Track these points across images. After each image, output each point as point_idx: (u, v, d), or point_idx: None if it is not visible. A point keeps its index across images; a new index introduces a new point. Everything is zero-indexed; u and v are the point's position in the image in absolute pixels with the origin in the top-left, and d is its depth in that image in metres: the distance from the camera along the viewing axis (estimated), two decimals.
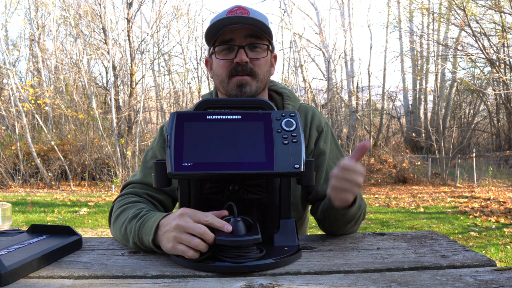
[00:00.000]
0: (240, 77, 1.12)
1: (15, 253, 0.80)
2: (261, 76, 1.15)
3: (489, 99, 17.11)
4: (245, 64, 1.11)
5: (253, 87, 1.13)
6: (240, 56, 1.10)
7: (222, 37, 1.12)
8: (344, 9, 16.85)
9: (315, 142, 1.21)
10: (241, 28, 1.10)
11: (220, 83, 1.15)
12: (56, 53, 14.40)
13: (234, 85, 1.12)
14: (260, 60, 1.14)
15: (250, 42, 1.12)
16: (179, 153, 0.83)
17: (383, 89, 18.04)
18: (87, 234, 5.08)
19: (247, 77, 1.12)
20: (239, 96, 1.12)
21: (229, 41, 1.12)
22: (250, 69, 1.12)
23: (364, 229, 5.24)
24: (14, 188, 10.99)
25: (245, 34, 1.11)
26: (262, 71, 1.15)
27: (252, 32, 1.11)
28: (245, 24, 1.09)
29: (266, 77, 1.17)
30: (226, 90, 1.14)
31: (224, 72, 1.13)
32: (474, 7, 12.08)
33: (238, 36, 1.11)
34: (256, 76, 1.13)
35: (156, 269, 0.80)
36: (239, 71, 1.11)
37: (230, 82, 1.13)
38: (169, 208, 1.17)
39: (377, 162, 12.66)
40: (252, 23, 1.09)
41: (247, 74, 1.12)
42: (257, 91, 1.14)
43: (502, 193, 8.56)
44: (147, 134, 14.68)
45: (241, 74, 1.12)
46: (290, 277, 0.76)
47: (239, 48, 1.11)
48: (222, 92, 1.17)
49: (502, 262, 3.68)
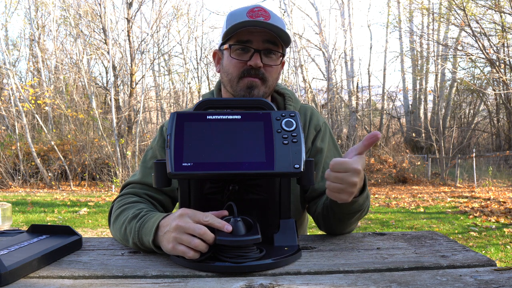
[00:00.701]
0: (252, 79, 1.11)
1: (15, 253, 0.80)
2: (270, 82, 1.15)
3: (489, 99, 17.11)
4: (258, 69, 1.11)
5: (261, 91, 1.12)
6: (255, 60, 1.10)
7: (239, 36, 1.11)
8: (344, 9, 16.85)
9: (312, 141, 1.21)
10: (261, 31, 1.09)
11: (229, 81, 1.14)
12: (56, 53, 14.41)
13: (244, 86, 1.12)
14: (272, 67, 1.14)
15: (267, 48, 1.11)
16: (179, 153, 0.83)
17: (383, 89, 18.05)
18: (87, 234, 5.08)
19: (257, 80, 1.12)
20: (247, 97, 1.11)
21: (246, 42, 1.10)
22: (262, 74, 1.12)
23: (364, 229, 5.24)
24: (14, 188, 10.99)
25: (263, 39, 1.10)
26: (272, 77, 1.15)
27: (270, 38, 1.10)
28: (264, 28, 1.08)
29: (274, 84, 1.18)
30: (234, 90, 1.14)
31: (236, 72, 1.12)
32: (474, 7, 12.08)
33: (256, 40, 1.10)
34: (266, 82, 1.13)
35: (156, 269, 0.80)
36: (252, 74, 1.11)
37: (240, 82, 1.12)
38: (168, 208, 1.17)
39: (377, 162, 12.66)
40: (272, 29, 1.08)
41: (258, 77, 1.12)
42: (264, 96, 1.14)
43: (502, 193, 8.56)
44: (147, 134, 14.69)
45: (253, 77, 1.11)
46: (290, 277, 0.76)
47: (255, 52, 1.10)
48: (229, 91, 1.16)
49: (502, 262, 3.68)
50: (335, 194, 0.88)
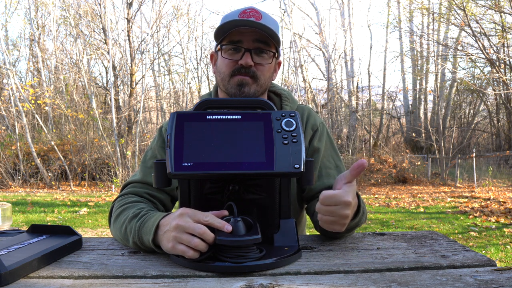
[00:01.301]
0: (242, 77, 1.13)
1: (15, 253, 0.80)
2: (262, 81, 1.16)
3: (489, 99, 17.11)
4: (249, 68, 1.13)
5: (252, 89, 1.14)
6: (246, 59, 1.12)
7: (231, 37, 1.13)
8: (344, 9, 16.85)
9: (309, 140, 1.22)
10: (251, 31, 1.12)
11: (222, 80, 1.17)
12: (56, 53, 14.41)
13: (235, 83, 1.14)
14: (264, 66, 1.16)
15: (257, 47, 1.14)
16: (179, 153, 0.83)
17: (383, 89, 18.05)
18: (87, 234, 5.08)
19: (248, 78, 1.13)
20: (238, 95, 1.13)
21: (237, 42, 1.13)
22: (253, 72, 1.14)
23: (364, 229, 5.24)
24: (14, 188, 10.99)
25: (253, 38, 1.13)
26: (264, 76, 1.16)
27: (261, 37, 1.13)
28: (255, 28, 1.11)
29: (266, 83, 1.19)
30: (226, 88, 1.16)
31: (227, 71, 1.15)
32: (474, 7, 12.08)
33: (246, 39, 1.13)
34: (257, 80, 1.15)
35: (156, 269, 0.80)
36: (242, 72, 1.13)
37: (231, 80, 1.14)
38: (169, 208, 1.17)
39: (377, 162, 12.65)
40: (262, 28, 1.10)
41: (249, 76, 1.13)
42: (255, 94, 1.15)
43: (502, 193, 8.56)
44: (147, 134, 14.69)
45: (243, 75, 1.13)
46: (290, 277, 0.76)
47: (245, 51, 1.12)
48: (222, 89, 1.19)
49: (502, 262, 3.68)
50: (327, 225, 0.88)
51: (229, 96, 1.15)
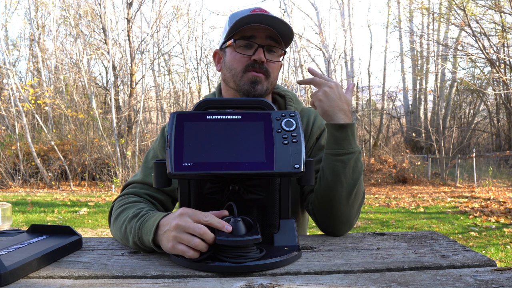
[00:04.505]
0: (256, 74, 1.13)
1: (15, 253, 0.80)
2: (272, 78, 1.16)
3: (489, 99, 17.12)
4: (262, 63, 1.13)
5: (264, 86, 1.14)
6: (259, 55, 1.12)
7: (244, 32, 1.13)
8: (344, 9, 16.85)
9: (317, 138, 1.23)
10: (264, 28, 1.12)
11: (233, 76, 1.16)
12: (56, 53, 14.41)
13: (248, 80, 1.13)
14: (274, 63, 1.16)
15: (269, 44, 1.14)
16: (179, 153, 0.83)
17: (383, 89, 18.05)
18: (87, 234, 5.08)
19: (261, 75, 1.13)
20: (251, 92, 1.13)
21: (250, 37, 1.13)
22: (265, 68, 1.14)
23: (364, 229, 5.24)
24: (14, 188, 10.99)
25: (266, 35, 1.13)
26: (274, 74, 1.17)
27: (273, 34, 1.13)
28: (269, 26, 1.11)
29: (275, 80, 1.19)
30: (238, 84, 1.15)
31: (240, 66, 1.14)
32: (474, 7, 12.08)
33: (259, 35, 1.13)
34: (269, 77, 1.15)
35: (156, 269, 0.80)
36: (256, 68, 1.13)
37: (244, 76, 1.14)
38: (169, 208, 1.17)
39: (377, 162, 12.66)
40: (277, 22, 1.11)
41: (262, 72, 1.13)
42: (266, 92, 1.16)
43: (502, 193, 8.56)
44: (147, 134, 14.69)
45: (257, 71, 1.13)
46: (290, 277, 0.76)
47: (259, 47, 1.12)
48: (232, 87, 1.17)
49: (502, 262, 3.68)
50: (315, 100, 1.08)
51: (241, 93, 1.15)
